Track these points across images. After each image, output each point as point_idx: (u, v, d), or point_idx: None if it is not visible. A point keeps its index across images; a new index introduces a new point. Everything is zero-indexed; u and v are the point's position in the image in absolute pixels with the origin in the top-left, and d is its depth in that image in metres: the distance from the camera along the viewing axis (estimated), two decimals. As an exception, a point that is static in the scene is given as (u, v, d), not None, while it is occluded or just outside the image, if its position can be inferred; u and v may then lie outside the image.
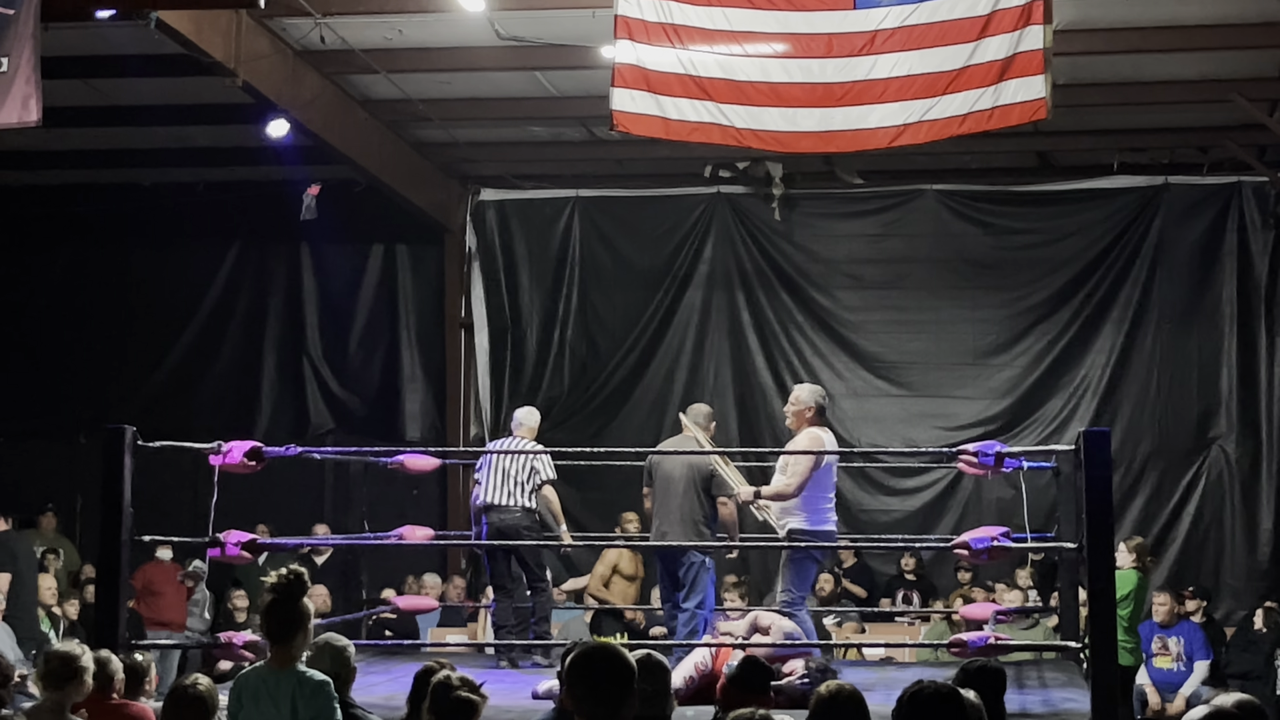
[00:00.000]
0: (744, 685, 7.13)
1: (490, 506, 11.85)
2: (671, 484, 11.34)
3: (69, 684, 7.48)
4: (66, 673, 7.49)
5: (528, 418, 12.36)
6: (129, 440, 9.85)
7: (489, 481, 11.91)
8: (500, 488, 11.86)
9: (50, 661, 7.55)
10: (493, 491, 11.87)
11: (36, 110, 10.48)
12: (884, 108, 10.74)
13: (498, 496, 11.85)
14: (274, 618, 6.81)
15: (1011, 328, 17.71)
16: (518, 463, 11.92)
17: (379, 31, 13.97)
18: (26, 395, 18.99)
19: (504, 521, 11.80)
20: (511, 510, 11.84)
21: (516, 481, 11.90)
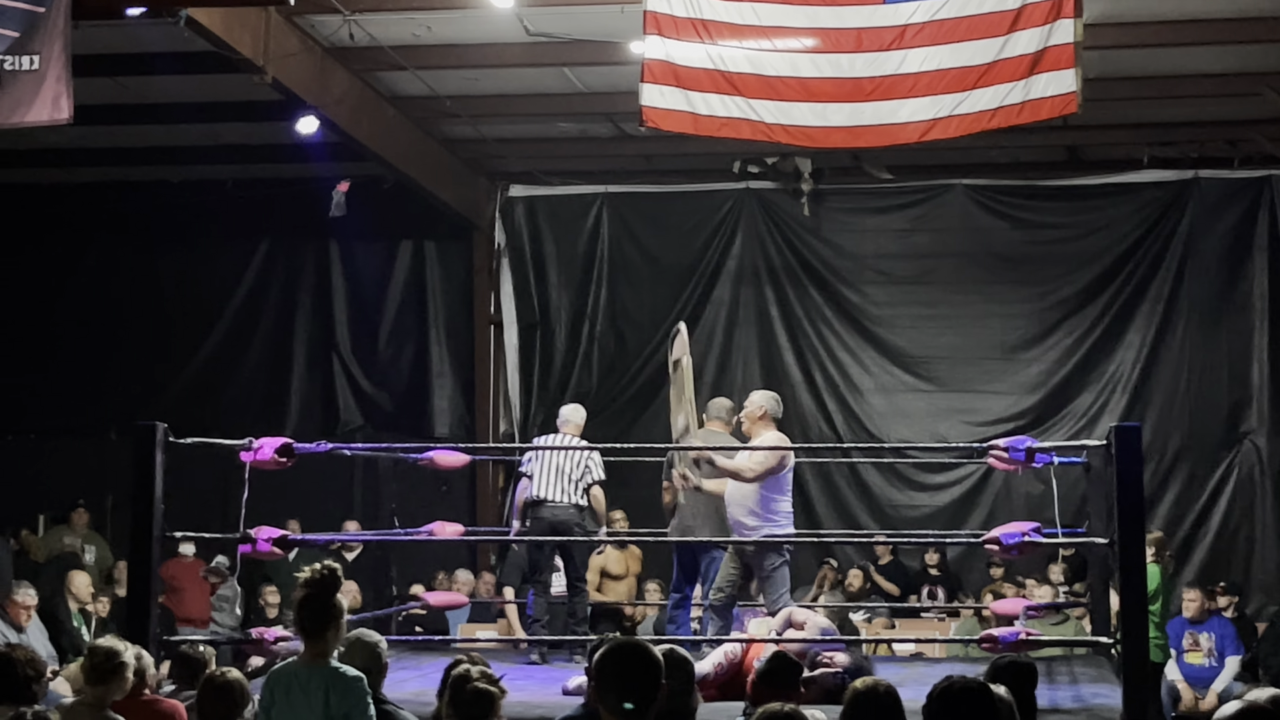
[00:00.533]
0: (773, 681, 7.11)
1: (542, 501, 11.88)
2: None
3: (112, 679, 7.52)
4: (109, 668, 7.53)
5: (574, 414, 12.41)
6: (160, 437, 9.89)
7: (542, 477, 11.94)
8: (554, 484, 11.90)
9: (94, 656, 7.58)
10: (546, 487, 11.90)
11: (68, 108, 10.52)
12: (913, 102, 10.73)
13: (552, 492, 11.90)
14: (307, 613, 6.84)
15: (1041, 322, 17.66)
16: (572, 460, 11.96)
17: (407, 28, 13.99)
18: (57, 393, 19.05)
19: (556, 517, 11.84)
20: (565, 506, 11.89)
21: (570, 478, 11.95)
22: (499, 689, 6.60)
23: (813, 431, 17.73)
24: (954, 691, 5.34)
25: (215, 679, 7.42)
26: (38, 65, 10.45)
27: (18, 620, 12.70)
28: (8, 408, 19.22)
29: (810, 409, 17.93)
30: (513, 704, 7.92)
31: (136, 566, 10.12)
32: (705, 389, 17.93)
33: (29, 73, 10.47)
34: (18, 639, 11.96)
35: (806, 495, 17.61)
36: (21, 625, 12.68)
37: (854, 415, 17.80)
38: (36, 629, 12.94)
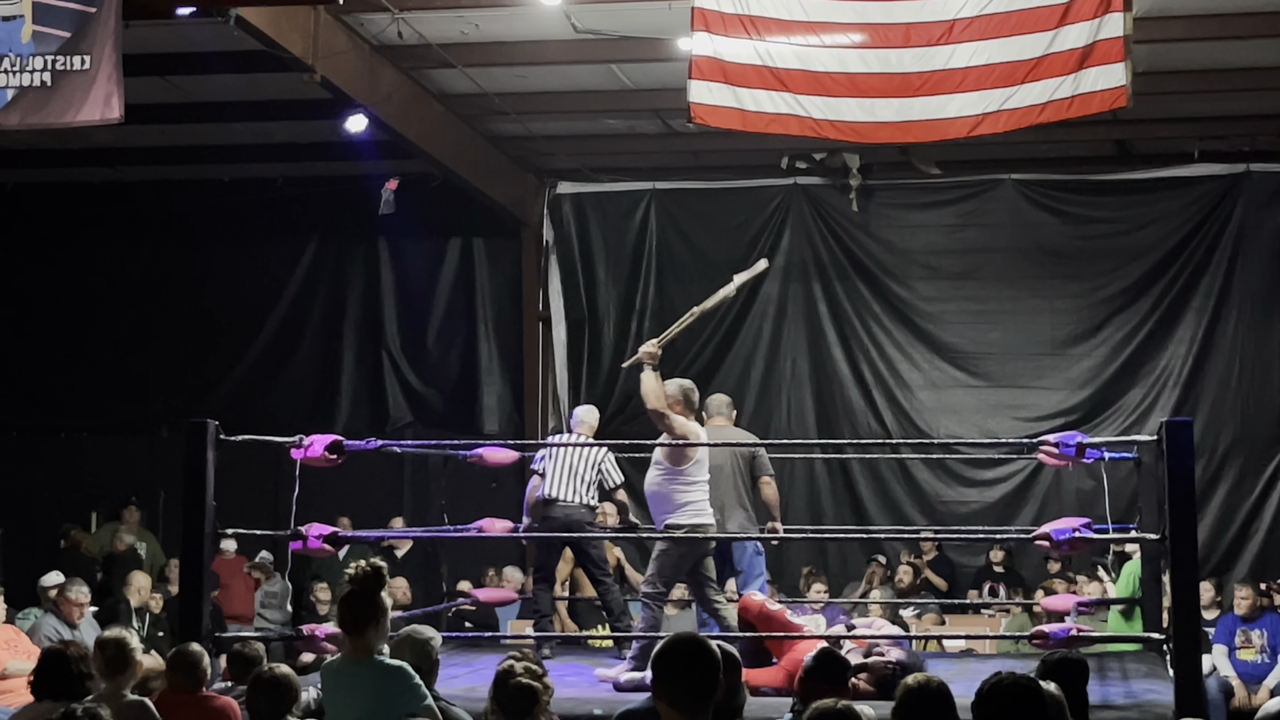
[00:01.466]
0: (822, 676, 7.10)
1: (554, 501, 11.90)
2: (723, 472, 11.37)
3: (124, 671, 7.59)
4: (123, 659, 7.60)
5: (589, 415, 12.45)
6: (211, 434, 9.94)
7: (554, 476, 11.96)
8: (566, 483, 11.93)
9: (107, 649, 7.64)
10: (558, 486, 11.93)
11: (119, 107, 10.59)
12: (962, 97, 10.70)
13: (563, 492, 11.92)
14: (349, 609, 6.88)
15: (1091, 318, 17.58)
16: (585, 460, 11.98)
17: (455, 26, 14.02)
18: (109, 390, 19.18)
19: (569, 516, 11.86)
20: (577, 506, 11.92)
21: (582, 479, 11.98)
22: (544, 685, 6.63)
23: (861, 427, 17.70)
24: (1003, 688, 5.33)
25: (265, 675, 7.47)
26: (89, 65, 10.52)
27: (70, 617, 12.80)
28: (60, 405, 19.37)
29: (859, 405, 17.90)
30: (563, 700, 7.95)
31: (189, 563, 10.17)
32: (753, 385, 18.01)
33: (80, 72, 10.55)
34: (71, 636, 12.05)
35: (855, 491, 17.61)
36: (74, 622, 12.77)
37: (903, 411, 17.76)
38: (89, 626, 13.02)
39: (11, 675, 11.50)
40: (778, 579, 16.37)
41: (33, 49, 10.53)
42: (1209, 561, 16.05)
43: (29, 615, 13.86)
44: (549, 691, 6.72)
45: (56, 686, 7.57)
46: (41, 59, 10.53)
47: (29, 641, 12.18)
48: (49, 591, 13.43)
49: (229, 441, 10.15)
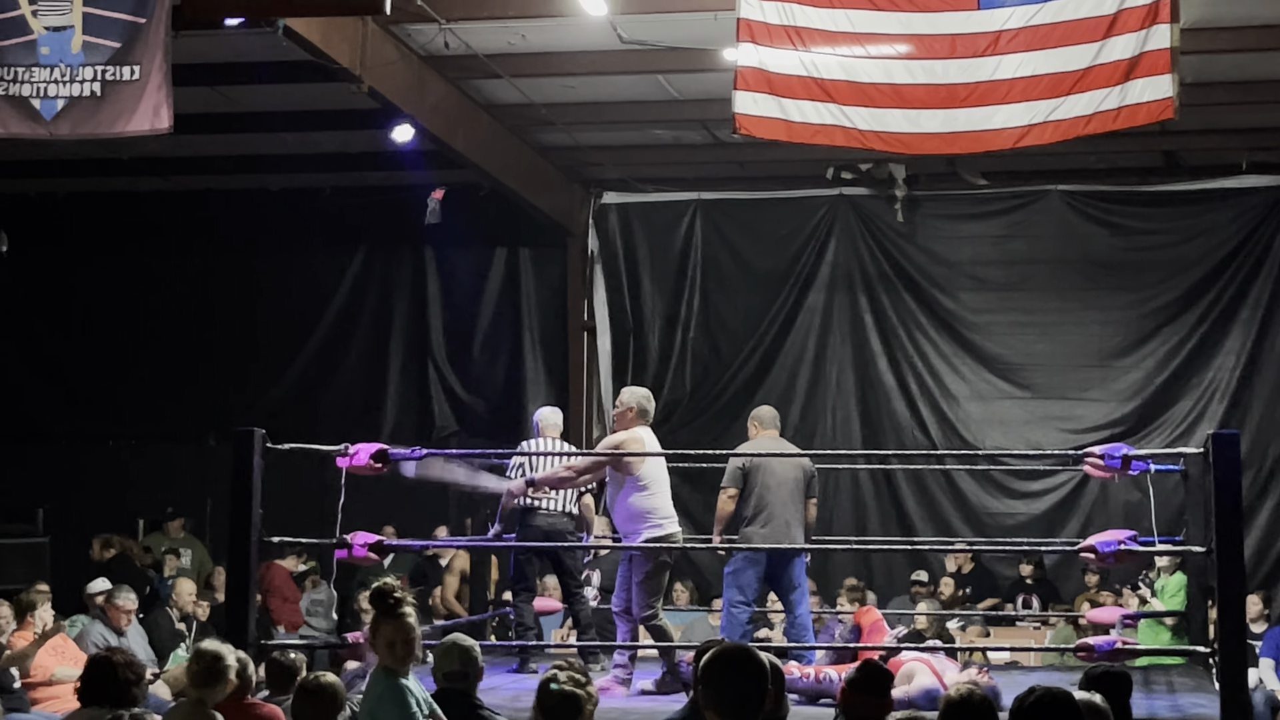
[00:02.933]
0: (865, 689, 7.09)
1: (534, 509, 11.72)
2: (785, 488, 11.35)
3: (216, 682, 7.63)
4: (215, 670, 7.64)
5: (554, 416, 12.16)
6: (258, 442, 9.98)
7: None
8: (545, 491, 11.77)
9: (201, 659, 7.69)
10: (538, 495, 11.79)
11: (168, 117, 10.66)
12: (1009, 108, 10.68)
13: (543, 500, 11.77)
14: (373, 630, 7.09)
15: (1138, 329, 17.51)
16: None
17: (502, 36, 14.06)
18: (157, 399, 19.29)
19: (552, 525, 11.70)
20: (559, 515, 11.76)
21: None
22: (588, 693, 6.63)
23: (907, 438, 17.67)
24: (1039, 703, 5.31)
25: (309, 683, 7.51)
26: (138, 75, 10.60)
27: (118, 624, 12.86)
28: (109, 413, 19.49)
29: (904, 416, 17.86)
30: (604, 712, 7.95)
31: (235, 571, 10.21)
32: (799, 396, 17.99)
33: (130, 83, 10.62)
34: (117, 642, 12.11)
35: (900, 502, 17.57)
36: (121, 629, 12.83)
37: (949, 422, 17.71)
38: (136, 633, 13.10)
39: (59, 681, 11.57)
40: (821, 590, 16.37)
41: (83, 59, 10.61)
42: (1256, 574, 15.97)
43: (76, 622, 13.92)
44: (593, 700, 6.72)
45: (103, 693, 7.60)
46: (91, 69, 10.62)
47: (76, 648, 12.25)
48: (96, 598, 13.50)
49: (276, 449, 10.19)
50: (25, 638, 11.92)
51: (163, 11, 10.61)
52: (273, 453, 10.12)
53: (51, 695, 11.53)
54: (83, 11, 10.59)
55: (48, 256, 19.40)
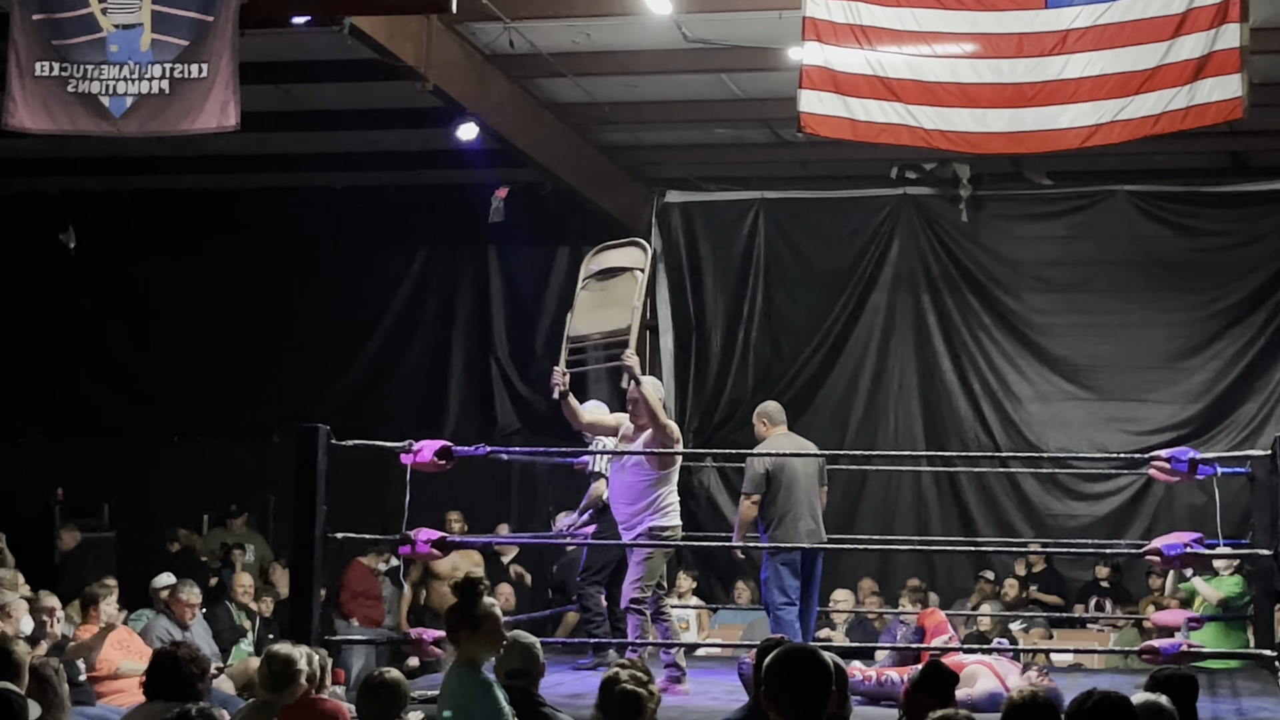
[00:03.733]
0: (929, 689, 7.07)
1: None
2: (801, 481, 11.48)
3: (286, 686, 7.64)
4: (286, 675, 7.65)
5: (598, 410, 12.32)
6: (322, 439, 10.03)
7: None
8: None
9: (273, 663, 7.70)
10: None
11: (235, 115, 10.72)
12: (1076, 108, 10.62)
13: None
14: (452, 618, 7.00)
15: (1204, 331, 17.38)
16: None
17: (567, 35, 14.07)
18: (222, 395, 19.39)
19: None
20: None
21: None
22: (650, 692, 6.65)
23: (970, 439, 17.60)
24: (1097, 707, 5.24)
25: (375, 679, 7.53)
26: (206, 73, 10.66)
27: (182, 618, 12.94)
28: (174, 409, 19.61)
29: (967, 417, 17.79)
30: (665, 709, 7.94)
31: (299, 566, 10.27)
32: (861, 395, 17.96)
33: (197, 80, 10.69)
34: (182, 636, 12.18)
35: (963, 504, 17.49)
36: (186, 623, 12.90)
37: (1012, 424, 17.63)
38: (200, 627, 13.17)
39: (124, 675, 11.63)
40: (883, 591, 16.35)
41: (151, 57, 10.68)
42: (1323, 578, 15.82)
43: (141, 616, 14.03)
44: (655, 699, 6.73)
45: (168, 687, 7.64)
46: (160, 67, 10.68)
47: (141, 642, 12.33)
48: (161, 593, 13.59)
49: (339, 446, 10.24)
50: (91, 631, 12.00)
51: (230, 10, 10.66)
52: (336, 449, 10.17)
53: (117, 689, 11.59)
54: (152, 10, 10.65)
55: (114, 253, 19.52)
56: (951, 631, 11.83)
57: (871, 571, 16.84)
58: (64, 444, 19.50)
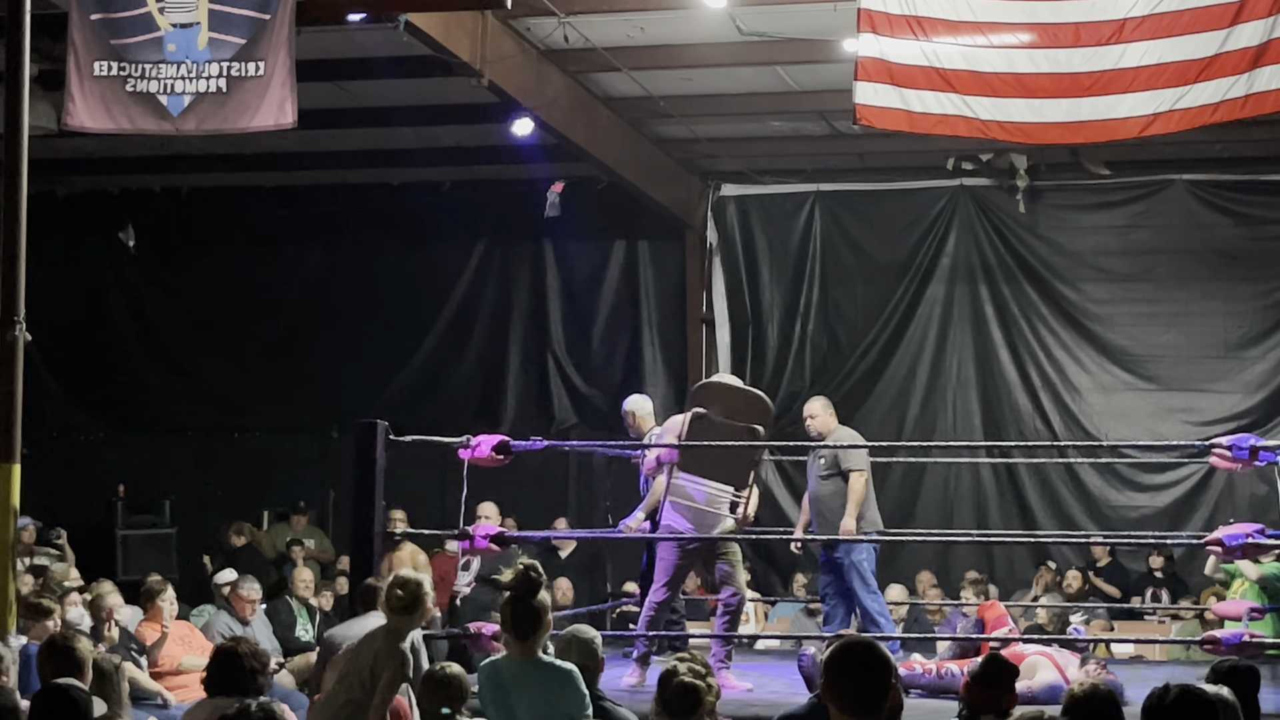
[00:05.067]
0: (989, 683, 7.05)
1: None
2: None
3: (416, 608, 7.64)
4: (414, 597, 7.66)
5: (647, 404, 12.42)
6: (381, 434, 10.07)
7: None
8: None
9: (406, 587, 7.69)
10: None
11: (292, 112, 10.77)
12: (1133, 97, 10.56)
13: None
14: (515, 615, 6.97)
15: (1265, 320, 17.25)
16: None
17: (621, 30, 14.07)
18: (281, 391, 19.50)
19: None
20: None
21: None
22: (708, 685, 6.65)
23: (1029, 430, 17.52)
24: (1179, 702, 5.19)
25: (435, 674, 7.56)
26: (263, 71, 10.71)
27: (242, 614, 13.02)
28: (234, 406, 19.73)
29: (1026, 408, 17.71)
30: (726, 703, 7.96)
31: (358, 561, 10.31)
32: (918, 388, 17.91)
33: (255, 78, 10.74)
34: (242, 632, 12.25)
35: (1022, 496, 17.42)
36: (246, 618, 12.98)
37: (1071, 414, 17.54)
38: (260, 622, 13.25)
39: (186, 670, 11.72)
40: (942, 583, 16.32)
41: (209, 55, 10.74)
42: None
43: (203, 612, 14.14)
44: (714, 692, 6.74)
45: (228, 683, 7.69)
46: (217, 65, 10.74)
47: (203, 638, 12.41)
48: (222, 588, 13.67)
49: (398, 441, 10.28)
50: (152, 628, 12.08)
51: (287, 8, 10.71)
52: (395, 444, 10.21)
53: (179, 684, 11.68)
54: (209, 8, 10.71)
55: (173, 251, 19.65)
56: (1011, 624, 11.80)
57: (930, 564, 16.80)
58: (125, 441, 19.66)
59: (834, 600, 11.81)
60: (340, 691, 7.49)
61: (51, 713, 5.60)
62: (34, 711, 5.65)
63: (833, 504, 11.66)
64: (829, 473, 11.80)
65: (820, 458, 11.86)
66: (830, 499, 11.73)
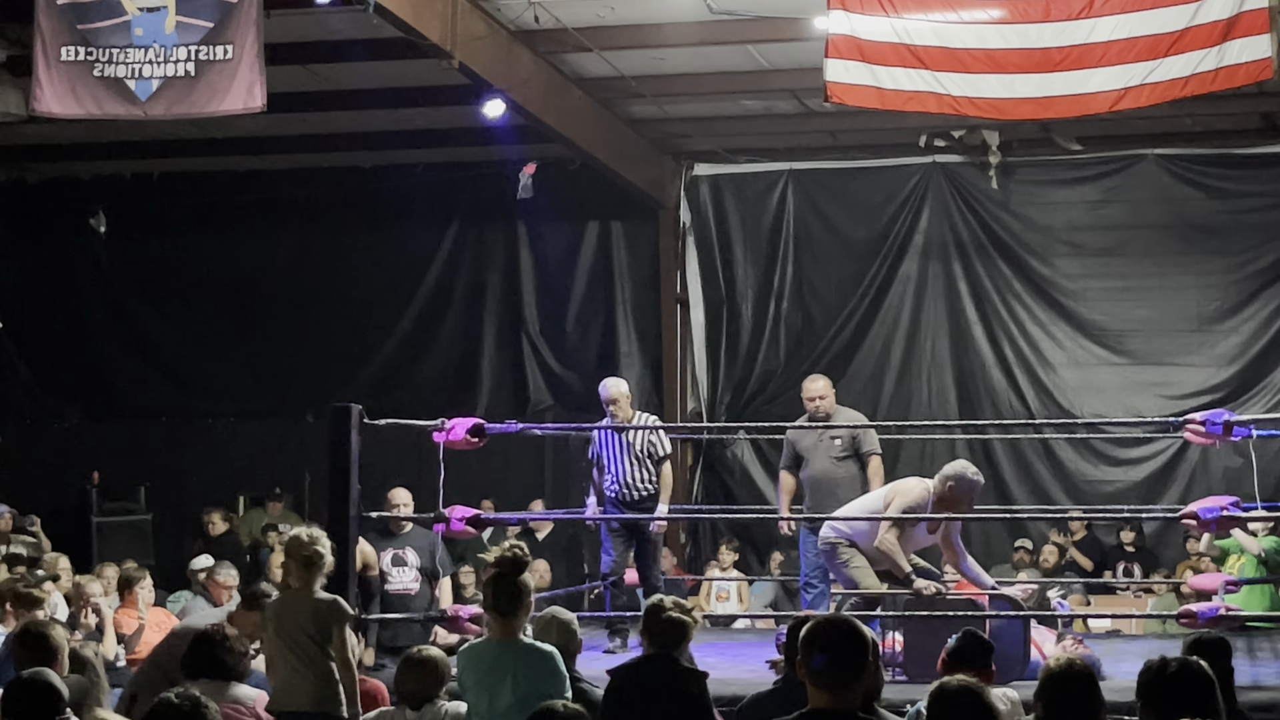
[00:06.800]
0: (964, 658, 7.05)
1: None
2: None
3: (315, 564, 7.93)
4: (314, 559, 7.94)
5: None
6: (355, 418, 10.05)
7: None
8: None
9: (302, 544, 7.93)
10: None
11: (261, 96, 10.75)
12: (1104, 71, 10.58)
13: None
14: (497, 592, 6.96)
15: (1237, 293, 17.29)
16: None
17: (592, 9, 14.03)
18: (255, 376, 19.46)
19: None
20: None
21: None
22: (692, 619, 6.86)
23: (1004, 406, 17.54)
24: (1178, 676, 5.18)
25: (415, 656, 7.55)
26: (232, 54, 10.68)
27: (219, 599, 12.97)
28: (207, 391, 19.68)
29: (1001, 384, 17.73)
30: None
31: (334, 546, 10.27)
32: (893, 365, 17.92)
33: (223, 62, 10.71)
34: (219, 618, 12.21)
35: (998, 471, 17.44)
36: (222, 604, 12.93)
37: (1045, 390, 17.57)
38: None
39: (162, 656, 11.68)
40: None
41: (177, 39, 10.70)
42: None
43: (179, 598, 14.09)
44: (697, 625, 6.96)
45: (208, 668, 7.69)
46: (185, 49, 10.70)
47: (179, 624, 12.37)
48: (199, 574, 13.63)
49: (372, 425, 10.26)
50: (129, 614, 12.04)
51: (255, -10, 10.69)
52: (370, 428, 10.19)
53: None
54: (175, -8, 10.69)
55: (144, 236, 19.58)
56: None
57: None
58: (99, 427, 19.60)
59: (824, 585, 11.70)
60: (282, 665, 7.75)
61: (25, 700, 5.56)
62: (7, 699, 5.62)
63: (848, 486, 11.54)
64: (845, 454, 11.73)
65: (835, 439, 11.77)
66: (846, 481, 11.61)
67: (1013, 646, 9.35)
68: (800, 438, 11.99)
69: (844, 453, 11.70)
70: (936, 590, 10.25)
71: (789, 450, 12.15)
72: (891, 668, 9.64)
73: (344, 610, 7.94)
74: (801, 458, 12.01)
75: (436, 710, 7.41)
